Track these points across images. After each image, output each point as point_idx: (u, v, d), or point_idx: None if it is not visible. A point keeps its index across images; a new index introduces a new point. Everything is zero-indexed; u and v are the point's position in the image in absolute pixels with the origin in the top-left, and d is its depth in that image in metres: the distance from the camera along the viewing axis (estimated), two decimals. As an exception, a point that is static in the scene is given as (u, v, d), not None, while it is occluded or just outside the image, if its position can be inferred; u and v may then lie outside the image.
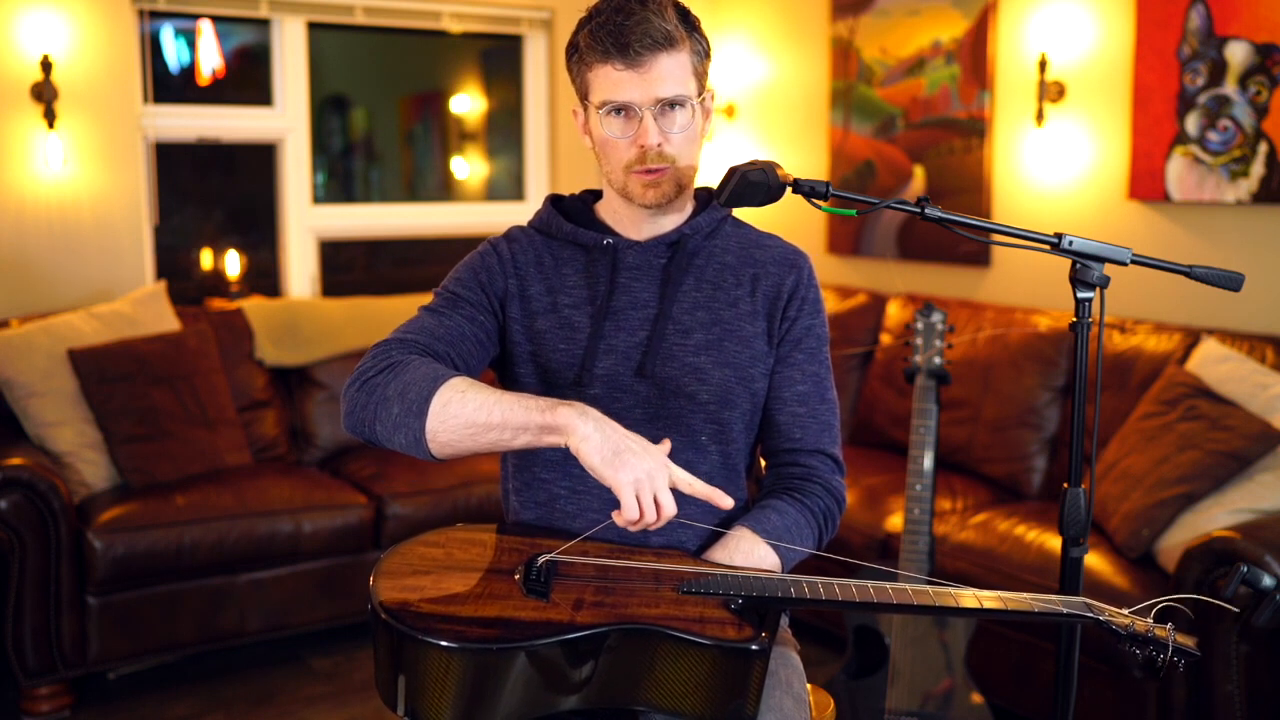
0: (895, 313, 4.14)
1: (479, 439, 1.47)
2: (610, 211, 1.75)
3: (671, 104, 1.61)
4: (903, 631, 2.80)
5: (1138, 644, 1.45)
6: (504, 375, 1.77)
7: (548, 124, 4.97)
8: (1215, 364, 3.09)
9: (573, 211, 1.78)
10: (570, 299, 1.71)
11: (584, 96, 1.67)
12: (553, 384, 1.69)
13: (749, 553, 1.62)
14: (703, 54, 1.66)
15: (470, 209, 5.02)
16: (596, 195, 1.81)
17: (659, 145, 1.62)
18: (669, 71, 1.60)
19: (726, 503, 1.47)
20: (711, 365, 1.70)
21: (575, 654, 1.37)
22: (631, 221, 1.72)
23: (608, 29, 1.58)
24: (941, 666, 2.78)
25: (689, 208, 1.77)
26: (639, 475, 1.41)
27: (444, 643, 1.32)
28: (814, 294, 1.77)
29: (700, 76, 1.66)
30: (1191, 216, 3.48)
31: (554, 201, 1.80)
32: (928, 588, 1.49)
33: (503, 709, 1.36)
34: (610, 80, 1.60)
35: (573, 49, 1.65)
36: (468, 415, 1.46)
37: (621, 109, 1.62)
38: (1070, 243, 1.55)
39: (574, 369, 1.68)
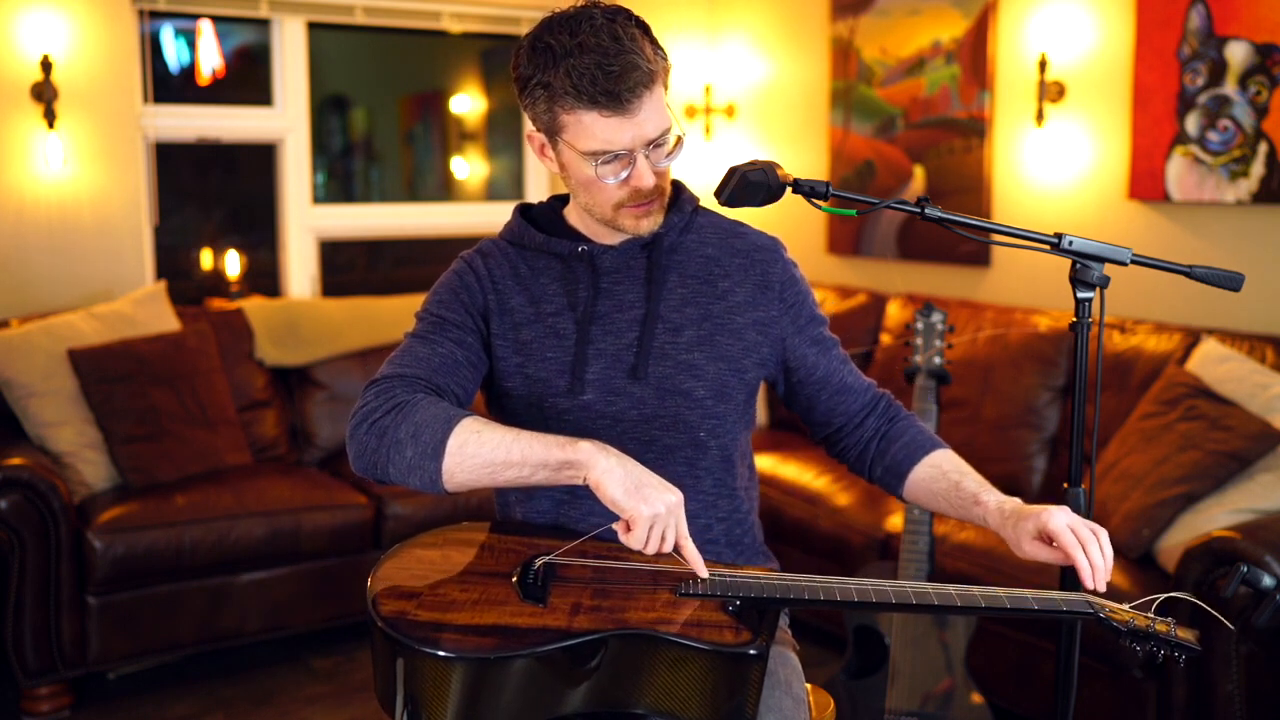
0: (895, 313, 4.14)
1: (497, 477, 1.49)
2: (580, 217, 1.74)
3: (659, 138, 1.59)
4: (903, 631, 2.80)
5: (1138, 640, 1.45)
6: (492, 392, 1.76)
7: (548, 124, 4.97)
8: (1215, 364, 3.08)
9: (542, 220, 1.76)
10: (553, 307, 1.70)
11: (553, 132, 1.61)
12: (544, 394, 1.68)
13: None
14: (668, 68, 1.61)
15: (470, 209, 5.02)
16: (564, 200, 1.78)
17: (653, 184, 1.61)
18: (654, 109, 1.56)
19: (703, 573, 1.50)
20: (706, 360, 1.70)
21: (573, 660, 1.37)
22: (604, 227, 1.71)
23: (590, 75, 1.51)
24: (941, 666, 2.78)
25: None
26: (659, 510, 1.43)
27: (441, 653, 1.32)
28: (798, 274, 1.80)
29: (667, 90, 1.62)
30: (1191, 216, 3.48)
31: (522, 211, 1.78)
32: (928, 586, 1.49)
33: (502, 715, 1.36)
34: (598, 127, 1.55)
35: (541, 87, 1.55)
36: (485, 455, 1.47)
37: (614, 155, 1.58)
38: (1070, 243, 1.55)
39: (565, 376, 1.67)
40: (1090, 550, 1.49)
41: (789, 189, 1.58)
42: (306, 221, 4.54)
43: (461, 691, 1.33)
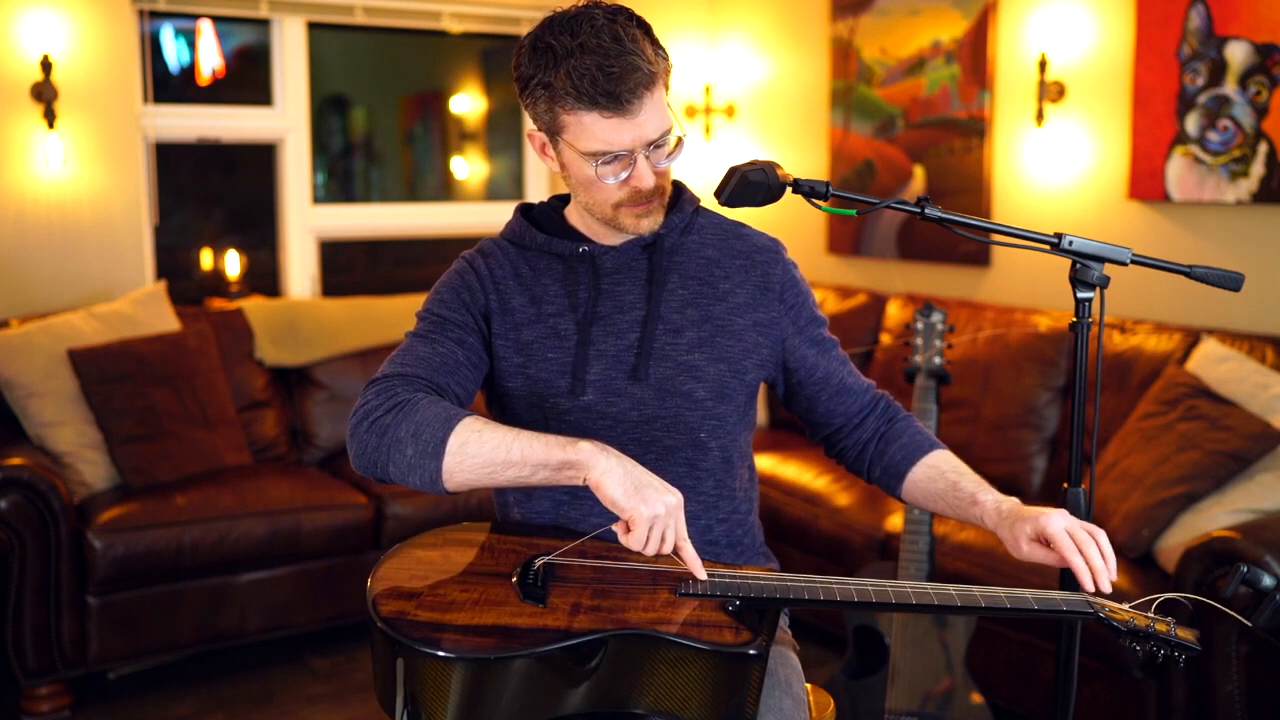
0: (895, 313, 4.14)
1: (497, 476, 1.49)
2: (581, 217, 1.74)
3: (659, 139, 1.59)
4: (903, 631, 2.80)
5: (1138, 639, 1.45)
6: (492, 392, 1.76)
7: (548, 124, 4.97)
8: (1215, 364, 3.08)
9: (543, 220, 1.76)
10: (554, 307, 1.70)
11: (554, 131, 1.61)
12: (545, 394, 1.68)
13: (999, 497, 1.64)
14: (669, 69, 1.61)
15: (470, 209, 5.02)
16: (565, 200, 1.78)
17: (653, 184, 1.61)
18: (655, 110, 1.56)
19: (701, 575, 1.49)
20: (706, 362, 1.70)
21: (573, 661, 1.37)
22: (605, 228, 1.71)
23: (591, 77, 1.51)
24: (941, 666, 2.78)
25: None
26: (658, 511, 1.43)
27: (440, 653, 1.32)
28: (798, 275, 1.80)
29: (668, 91, 1.62)
30: (1191, 216, 3.48)
31: (523, 211, 1.78)
32: (928, 586, 1.49)
33: (502, 715, 1.36)
34: (598, 128, 1.55)
35: (542, 87, 1.55)
36: (486, 455, 1.47)
37: (614, 156, 1.58)
38: (1070, 243, 1.55)
39: (565, 377, 1.67)
40: (1088, 552, 1.49)
41: (789, 189, 1.58)
42: (306, 221, 4.54)
43: (461, 691, 1.33)
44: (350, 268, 4.87)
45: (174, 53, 4.40)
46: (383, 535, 3.62)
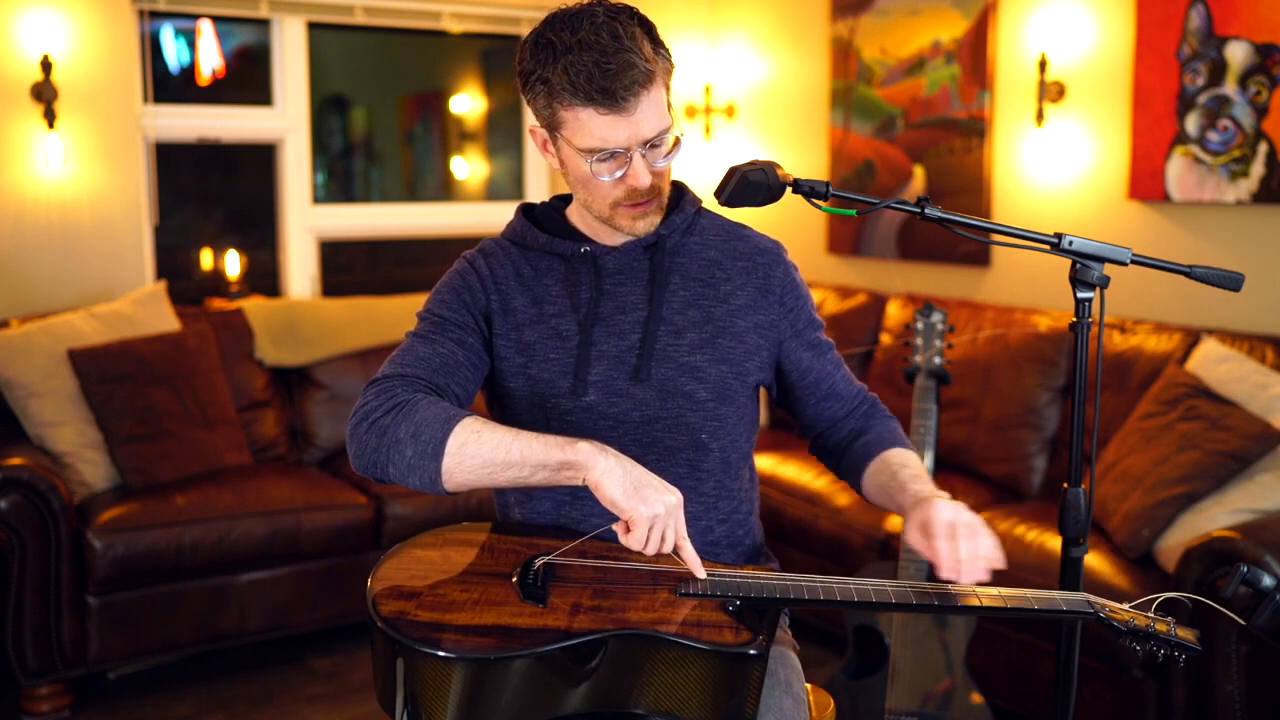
0: (895, 313, 4.14)
1: (496, 477, 1.49)
2: (582, 218, 1.74)
3: (656, 138, 1.59)
4: (903, 631, 2.80)
5: (1138, 639, 1.45)
6: (494, 392, 1.76)
7: (548, 124, 4.97)
8: (1215, 364, 3.08)
9: (545, 220, 1.76)
10: (556, 308, 1.70)
11: (552, 127, 1.61)
12: (546, 394, 1.68)
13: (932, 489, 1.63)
14: (669, 69, 1.61)
15: (470, 209, 5.02)
16: (566, 200, 1.78)
17: (649, 183, 1.61)
18: (652, 109, 1.56)
19: (701, 575, 1.50)
20: (708, 363, 1.70)
21: (573, 660, 1.37)
22: (606, 228, 1.70)
23: (587, 73, 1.51)
24: (941, 666, 2.78)
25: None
26: (658, 511, 1.43)
27: (440, 653, 1.32)
28: (798, 278, 1.80)
29: (669, 91, 1.62)
30: (1191, 216, 3.48)
31: (525, 211, 1.78)
32: (928, 586, 1.49)
33: (502, 715, 1.36)
34: (594, 124, 1.55)
35: (541, 82, 1.56)
36: (485, 455, 1.47)
37: (609, 153, 1.58)
38: (1070, 243, 1.55)
39: (567, 378, 1.67)
40: (957, 544, 1.50)
41: (789, 189, 1.58)
42: (306, 221, 4.54)
43: (461, 691, 1.33)
44: (350, 268, 4.87)
45: (174, 53, 4.41)
46: (383, 535, 3.62)
